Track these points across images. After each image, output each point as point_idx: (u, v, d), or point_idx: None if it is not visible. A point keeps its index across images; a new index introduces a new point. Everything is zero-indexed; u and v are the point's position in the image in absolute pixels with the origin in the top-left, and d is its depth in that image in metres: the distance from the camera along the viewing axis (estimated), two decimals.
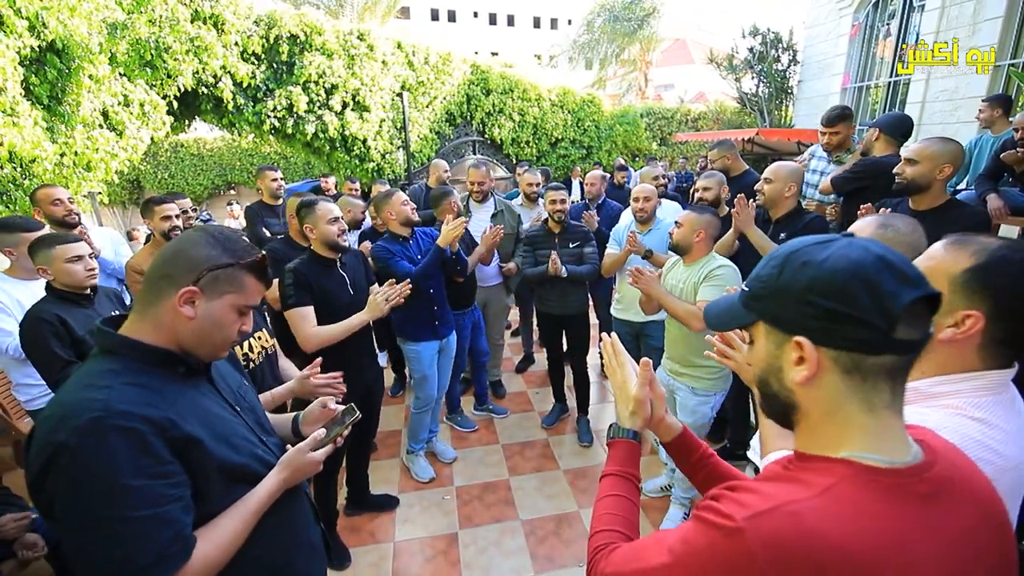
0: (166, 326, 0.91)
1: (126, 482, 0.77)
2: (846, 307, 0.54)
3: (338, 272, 2.24)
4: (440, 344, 2.85)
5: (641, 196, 2.91)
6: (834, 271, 0.55)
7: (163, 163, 12.33)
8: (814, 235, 0.61)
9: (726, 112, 10.97)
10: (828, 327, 0.56)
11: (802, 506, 0.53)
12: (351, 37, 7.05)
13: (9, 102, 3.29)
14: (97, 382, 0.83)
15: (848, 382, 0.57)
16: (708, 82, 18.55)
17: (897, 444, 0.58)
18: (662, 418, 0.93)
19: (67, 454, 0.76)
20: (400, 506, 2.76)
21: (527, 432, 3.44)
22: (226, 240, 0.95)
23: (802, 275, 0.57)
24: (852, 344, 0.55)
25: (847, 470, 0.56)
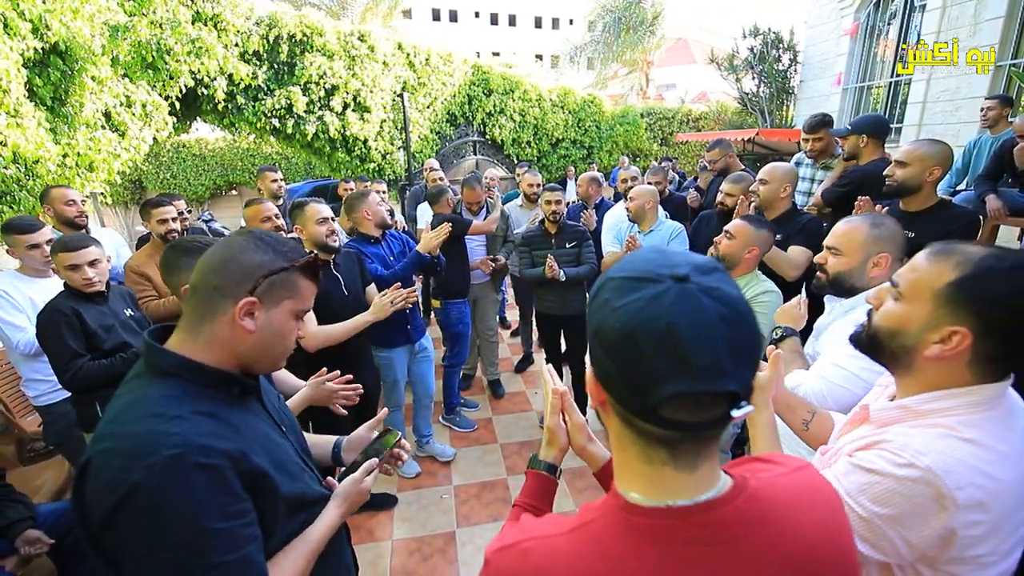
0: (222, 343, 0.84)
1: (209, 526, 0.71)
2: (612, 364, 0.49)
3: (331, 272, 2.26)
4: (412, 348, 2.86)
5: (635, 196, 2.93)
6: (614, 324, 0.48)
7: (165, 163, 12.38)
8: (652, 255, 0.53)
9: (727, 112, 10.97)
10: (603, 374, 0.52)
11: (540, 543, 0.54)
12: (352, 38, 7.08)
13: (13, 103, 3.32)
14: (165, 411, 0.75)
15: (626, 430, 0.54)
16: (710, 82, 18.53)
17: (677, 489, 0.52)
18: (583, 447, 0.89)
19: (145, 494, 0.68)
20: (398, 505, 2.78)
21: (526, 432, 3.46)
22: (275, 242, 0.89)
23: (597, 312, 0.52)
24: (619, 401, 0.52)
25: (611, 506, 0.55)
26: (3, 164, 3.25)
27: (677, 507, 0.52)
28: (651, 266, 0.50)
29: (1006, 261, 0.75)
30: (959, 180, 3.62)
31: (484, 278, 3.60)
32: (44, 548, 1.88)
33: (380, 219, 2.62)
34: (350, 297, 2.28)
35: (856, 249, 1.41)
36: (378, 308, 2.16)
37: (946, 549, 0.76)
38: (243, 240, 0.87)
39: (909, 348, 0.82)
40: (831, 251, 1.46)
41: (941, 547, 0.76)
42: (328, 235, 2.17)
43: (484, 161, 9.16)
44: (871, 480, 0.79)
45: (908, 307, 0.83)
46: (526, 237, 3.25)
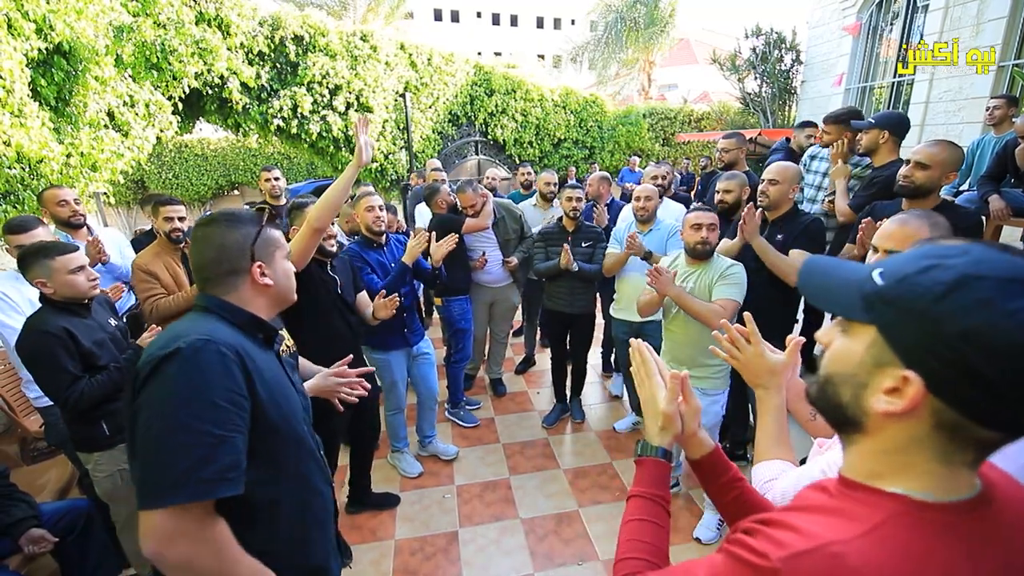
0: (250, 301, 1.08)
1: (212, 399, 0.89)
2: (994, 373, 0.45)
3: (328, 273, 2.26)
4: (410, 351, 2.86)
5: (643, 195, 2.93)
6: (1012, 330, 0.44)
7: (167, 164, 12.41)
8: (996, 256, 0.48)
9: (729, 112, 10.95)
10: (960, 385, 0.47)
11: (846, 547, 0.49)
12: (354, 38, 7.10)
13: (17, 103, 3.33)
14: (202, 324, 0.99)
15: (936, 435, 0.50)
16: (712, 82, 18.50)
17: (959, 486, 0.52)
18: (694, 433, 0.86)
19: (176, 358, 0.89)
20: (401, 504, 2.78)
21: (528, 431, 3.46)
22: (237, 216, 1.11)
23: (971, 316, 0.45)
24: (974, 413, 0.48)
25: (896, 506, 0.52)
26: (7, 164, 3.26)
27: (962, 503, 0.51)
28: (1009, 263, 0.47)
29: None
30: (962, 180, 3.61)
31: (504, 281, 3.59)
32: (48, 547, 1.88)
33: (366, 225, 2.60)
34: (341, 298, 2.29)
35: None
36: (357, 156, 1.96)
37: None
38: (217, 228, 1.07)
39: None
40: (889, 255, 1.42)
41: None
42: (326, 238, 2.17)
43: (486, 161, 9.16)
44: None
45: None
46: (543, 233, 3.29)
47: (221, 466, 0.87)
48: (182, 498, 0.85)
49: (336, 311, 2.15)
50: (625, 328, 3.10)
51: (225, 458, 0.88)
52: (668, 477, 0.83)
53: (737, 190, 2.79)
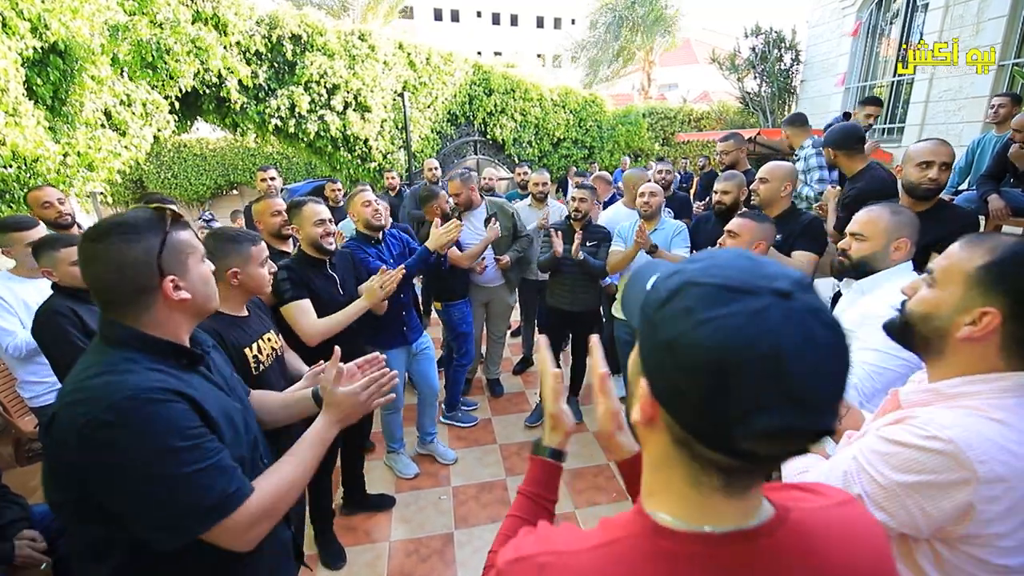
0: (167, 320, 0.95)
1: (176, 444, 0.83)
2: (689, 384, 0.43)
3: (328, 272, 2.25)
4: (410, 349, 2.84)
5: (647, 192, 2.91)
6: (702, 340, 0.41)
7: (166, 163, 12.40)
8: (730, 263, 0.46)
9: (729, 112, 10.94)
10: (669, 397, 0.46)
11: (558, 559, 0.51)
12: (352, 37, 7.08)
13: (12, 102, 3.31)
14: (119, 368, 0.86)
15: (677, 452, 0.49)
16: (712, 82, 18.49)
17: (719, 515, 0.49)
18: (611, 434, 0.82)
19: (108, 428, 0.80)
20: (396, 506, 2.76)
21: (525, 432, 3.44)
22: (132, 224, 0.92)
23: (674, 325, 0.44)
24: (689, 428, 0.46)
25: (638, 528, 0.51)
26: (2, 163, 3.25)
27: (715, 534, 0.48)
28: (745, 275, 0.43)
29: None
30: (962, 179, 3.59)
31: (498, 281, 3.57)
32: (42, 548, 1.87)
33: (365, 220, 2.60)
34: (345, 297, 2.26)
35: (879, 234, 1.49)
36: (369, 293, 2.16)
37: (963, 523, 0.76)
38: (108, 243, 0.89)
39: (941, 331, 0.85)
40: (855, 237, 1.53)
41: (958, 521, 0.77)
42: (324, 236, 2.16)
43: (484, 161, 9.15)
44: (894, 451, 0.81)
45: (942, 291, 0.86)
46: (552, 228, 3.28)
47: (218, 489, 0.87)
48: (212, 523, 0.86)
49: (337, 308, 2.13)
50: (627, 328, 3.09)
51: (219, 480, 0.87)
52: (556, 478, 0.82)
53: (735, 191, 2.75)
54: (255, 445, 1.09)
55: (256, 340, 1.64)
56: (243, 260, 1.57)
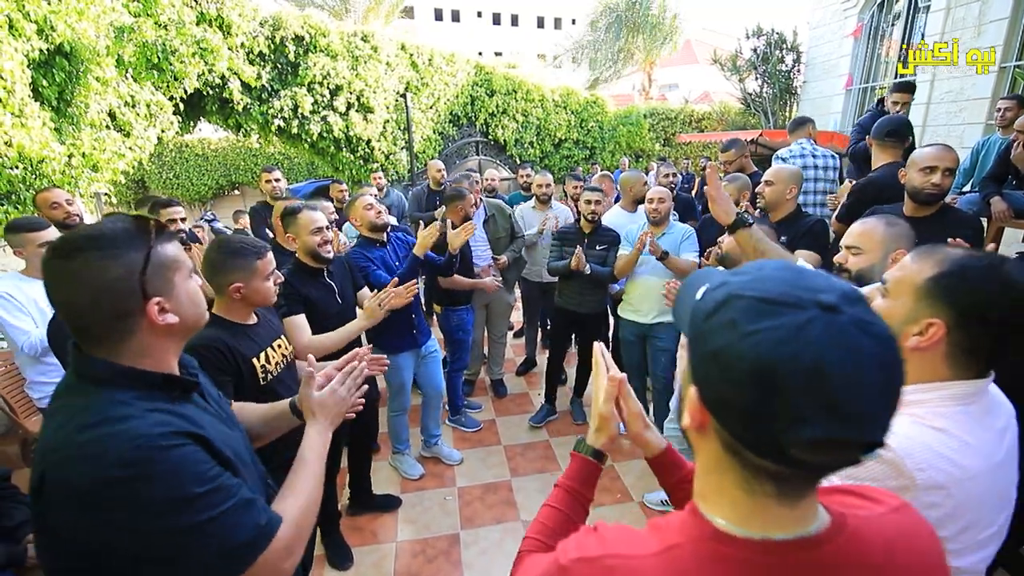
0: (153, 346, 0.83)
1: (196, 491, 0.74)
2: (736, 394, 0.44)
3: (326, 281, 2.19)
4: (418, 352, 2.84)
5: (656, 197, 2.90)
6: (747, 352, 0.43)
7: (168, 164, 12.41)
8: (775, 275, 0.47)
9: (730, 113, 10.95)
10: (717, 405, 0.47)
11: (625, 563, 0.52)
12: (355, 38, 7.09)
13: (18, 104, 3.33)
14: (115, 414, 0.74)
15: (728, 458, 0.50)
16: (713, 82, 18.49)
17: (776, 521, 0.49)
18: (640, 433, 0.88)
19: (120, 486, 0.70)
20: (402, 506, 2.77)
21: (529, 433, 3.45)
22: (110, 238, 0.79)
23: (719, 336, 0.45)
24: (737, 436, 0.47)
25: (698, 532, 0.52)
26: (9, 164, 3.26)
27: (775, 541, 0.48)
28: (789, 287, 0.44)
29: (982, 260, 0.83)
30: (966, 181, 3.60)
31: (494, 273, 3.58)
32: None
33: (369, 223, 2.59)
34: (344, 305, 2.23)
35: (875, 247, 1.49)
36: (369, 312, 2.09)
37: None
38: (83, 260, 0.77)
39: None
40: (851, 250, 1.54)
41: None
42: (321, 245, 2.09)
43: (486, 162, 9.16)
44: None
45: (893, 302, 0.89)
46: (560, 232, 3.30)
47: (249, 525, 0.80)
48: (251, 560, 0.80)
49: (337, 318, 2.11)
50: (634, 329, 3.10)
51: (247, 516, 0.80)
52: (595, 476, 0.86)
53: (735, 193, 2.76)
54: (264, 478, 1.04)
55: (264, 349, 1.58)
56: (247, 275, 1.50)
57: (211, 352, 1.39)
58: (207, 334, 1.41)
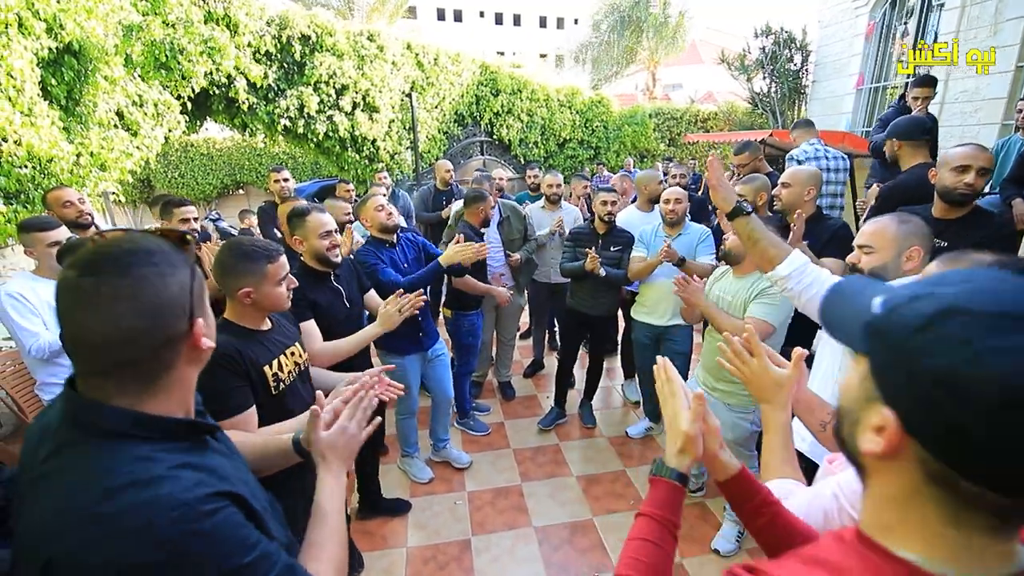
0: (178, 386, 0.74)
1: (242, 561, 0.65)
2: (966, 418, 0.39)
3: (333, 285, 2.14)
4: (425, 355, 2.81)
5: (672, 198, 2.85)
6: (991, 373, 0.38)
7: (174, 163, 12.41)
8: (995, 287, 0.43)
9: (737, 113, 10.87)
10: (936, 432, 0.42)
11: None
12: (361, 38, 7.06)
13: (27, 102, 3.31)
14: (140, 477, 0.63)
15: (932, 489, 0.45)
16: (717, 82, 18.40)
17: (988, 558, 0.45)
18: (715, 454, 0.84)
19: (160, 570, 0.60)
20: (412, 511, 2.75)
21: (538, 436, 3.42)
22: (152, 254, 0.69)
23: (945, 354, 0.40)
24: (959, 467, 0.42)
25: (891, 570, 0.46)
26: (18, 163, 3.24)
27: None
28: (1009, 293, 0.40)
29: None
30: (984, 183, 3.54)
31: (507, 283, 3.54)
32: None
33: (380, 224, 2.57)
34: (352, 310, 2.19)
35: (888, 245, 1.46)
36: (385, 319, 2.01)
37: None
38: (144, 281, 0.67)
39: None
40: (863, 250, 1.51)
41: None
42: (330, 249, 2.02)
43: (491, 162, 9.12)
44: None
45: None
46: (574, 233, 3.26)
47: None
48: None
49: (350, 323, 2.08)
50: (647, 332, 3.06)
51: None
52: (681, 501, 0.80)
53: (751, 195, 2.67)
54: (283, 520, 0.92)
55: (278, 356, 1.50)
56: (257, 279, 1.42)
57: (225, 359, 1.35)
58: (219, 340, 1.37)
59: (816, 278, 1.47)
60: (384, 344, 2.72)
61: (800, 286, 1.47)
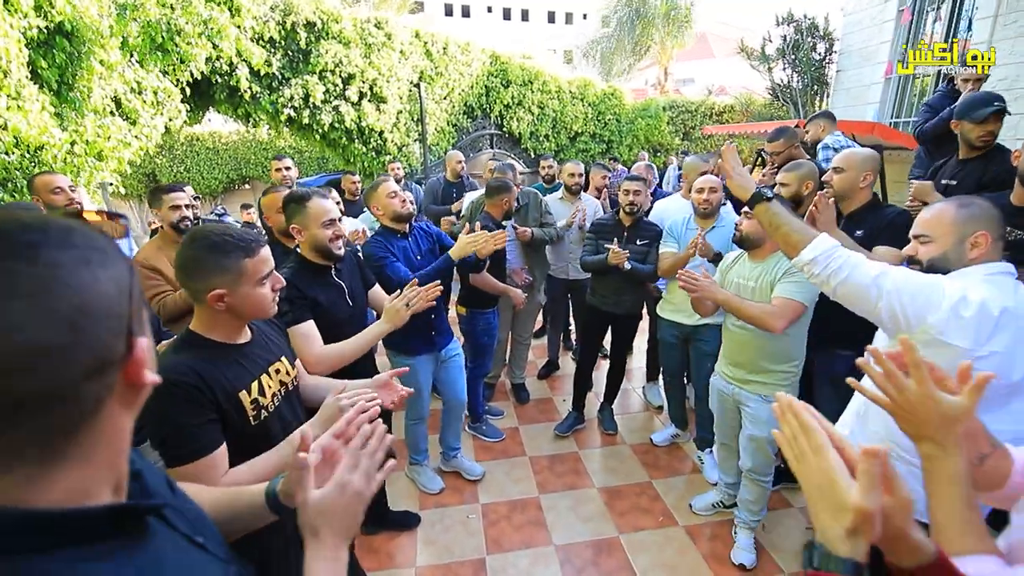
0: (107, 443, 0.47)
1: None
2: None
3: (333, 280, 1.89)
4: (438, 355, 2.59)
5: (706, 187, 2.61)
6: None
7: (179, 157, 12.29)
8: None
9: (755, 105, 10.53)
10: None
11: None
12: (368, 25, 6.85)
13: (14, 84, 3.12)
14: None
15: None
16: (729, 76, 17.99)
17: None
18: (905, 533, 0.60)
19: None
20: (421, 525, 2.53)
21: (556, 443, 3.19)
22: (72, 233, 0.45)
23: None
24: None
25: None
26: (3, 149, 3.05)
27: None
28: None
29: None
30: None
31: (527, 279, 3.31)
32: None
33: (393, 212, 2.34)
34: (355, 308, 1.94)
35: (946, 232, 1.33)
36: (392, 315, 1.77)
37: None
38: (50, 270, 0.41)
39: None
40: (919, 239, 1.39)
41: None
42: (333, 239, 1.78)
43: (500, 155, 8.88)
44: None
45: None
46: (596, 224, 3.03)
47: None
48: None
49: (354, 322, 1.83)
50: (674, 331, 2.83)
51: None
52: None
53: (796, 183, 2.38)
54: None
55: (259, 376, 1.21)
56: (232, 278, 1.12)
57: (185, 387, 1.05)
58: (175, 362, 1.09)
59: (846, 261, 1.34)
60: (393, 344, 2.50)
61: (827, 271, 1.36)
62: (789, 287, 1.94)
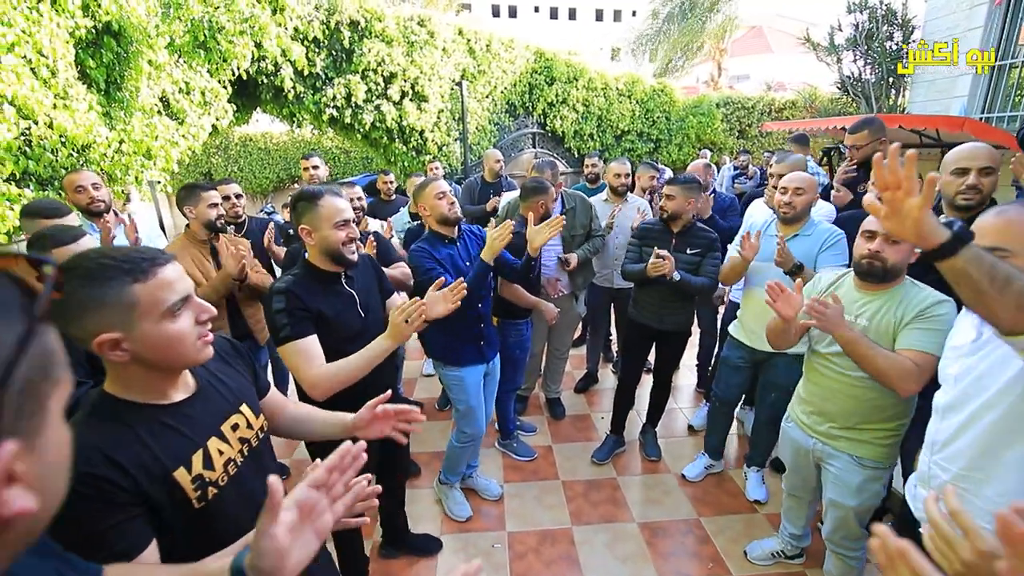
0: None
1: None
2: None
3: (344, 289, 1.66)
4: (486, 368, 2.39)
5: (790, 187, 2.19)
6: None
7: (233, 156, 12.81)
8: None
9: (821, 100, 9.75)
10: None
11: None
12: (411, 23, 6.78)
13: (62, 84, 3.17)
14: None
15: None
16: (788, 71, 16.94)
17: None
18: None
19: None
20: (442, 551, 2.33)
21: (593, 468, 2.92)
22: None
23: None
24: None
25: None
26: (49, 147, 3.11)
27: None
28: None
29: None
30: None
31: (565, 290, 3.06)
32: None
33: (440, 215, 2.14)
34: (369, 320, 1.69)
35: None
36: (394, 331, 1.50)
37: None
38: None
39: None
40: (996, 253, 1.04)
41: None
42: (346, 243, 1.57)
43: (543, 154, 8.63)
44: None
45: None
46: (642, 229, 2.71)
47: None
48: None
49: (360, 338, 1.58)
50: (741, 354, 2.48)
51: None
52: None
53: None
54: None
55: (206, 441, 0.93)
56: (120, 315, 0.81)
57: (87, 484, 0.77)
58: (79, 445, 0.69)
59: None
60: (439, 354, 2.32)
61: None
62: (926, 337, 1.47)
